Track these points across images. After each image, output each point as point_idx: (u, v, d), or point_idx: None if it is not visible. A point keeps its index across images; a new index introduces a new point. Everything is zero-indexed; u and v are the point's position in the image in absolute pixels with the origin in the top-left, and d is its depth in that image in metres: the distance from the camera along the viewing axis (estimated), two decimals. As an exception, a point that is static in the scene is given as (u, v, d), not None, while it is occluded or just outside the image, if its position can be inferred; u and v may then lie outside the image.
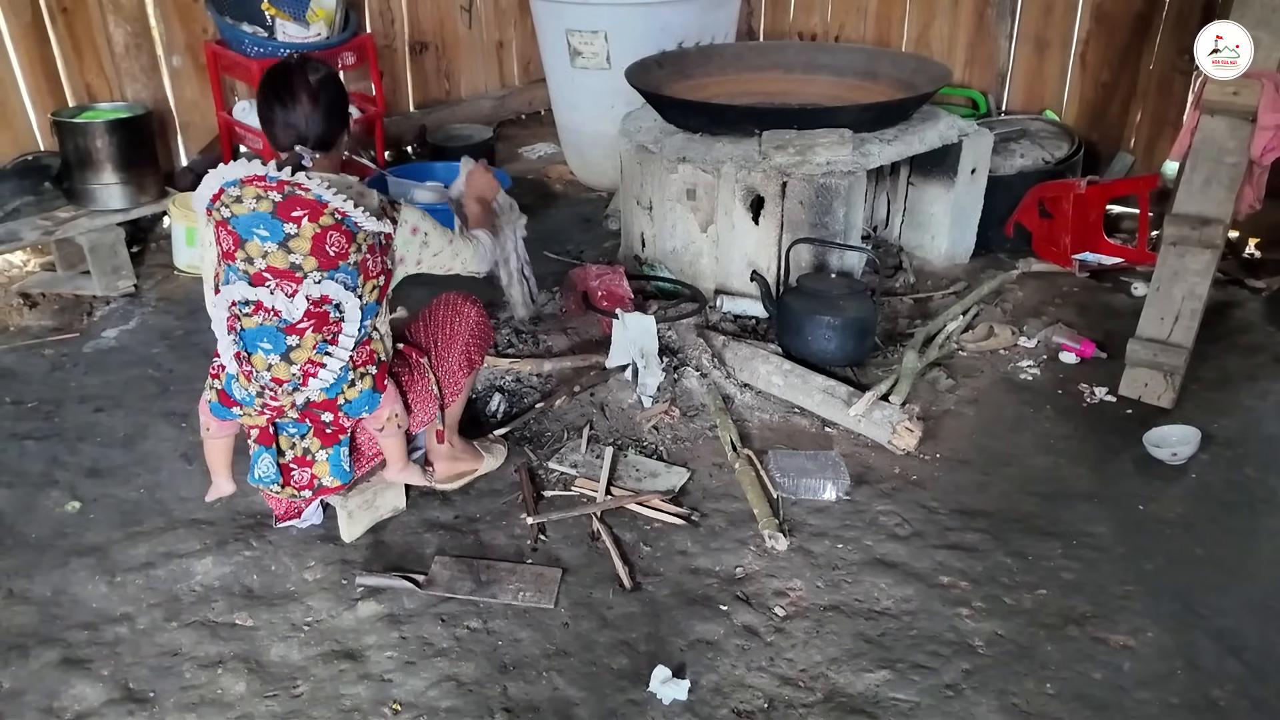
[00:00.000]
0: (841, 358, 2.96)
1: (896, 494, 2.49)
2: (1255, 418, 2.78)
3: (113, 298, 3.50)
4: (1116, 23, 4.09)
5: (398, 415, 2.24)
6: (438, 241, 2.26)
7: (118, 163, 3.53)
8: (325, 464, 2.20)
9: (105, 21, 3.84)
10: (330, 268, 1.98)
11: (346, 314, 2.03)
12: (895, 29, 4.76)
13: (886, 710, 1.88)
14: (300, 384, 2.06)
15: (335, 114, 2.09)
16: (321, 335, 2.03)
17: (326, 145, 2.09)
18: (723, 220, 3.24)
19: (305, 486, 2.21)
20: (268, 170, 1.94)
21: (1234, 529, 2.37)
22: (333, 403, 2.12)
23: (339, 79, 2.15)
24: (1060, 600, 2.14)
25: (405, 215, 2.17)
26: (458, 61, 5.17)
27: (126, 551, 2.30)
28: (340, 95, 2.11)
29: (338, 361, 2.06)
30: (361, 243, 2.01)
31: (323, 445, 2.20)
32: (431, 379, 2.34)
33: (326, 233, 1.95)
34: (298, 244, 1.95)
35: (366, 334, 2.12)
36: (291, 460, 2.20)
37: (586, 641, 2.05)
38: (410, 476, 2.40)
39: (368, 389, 2.14)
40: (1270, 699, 1.88)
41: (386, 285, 2.15)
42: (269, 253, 1.95)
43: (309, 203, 1.94)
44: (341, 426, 2.19)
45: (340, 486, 2.25)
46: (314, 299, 1.99)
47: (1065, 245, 3.58)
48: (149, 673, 1.97)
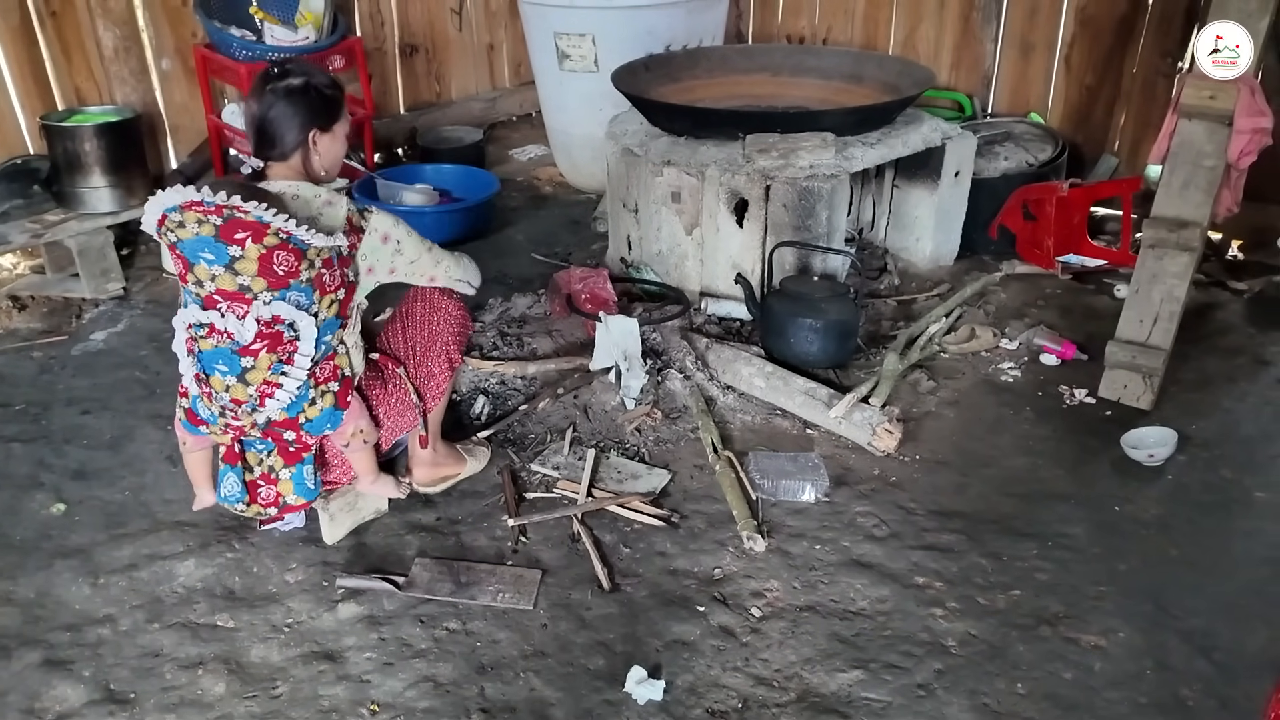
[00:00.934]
0: (824, 360, 2.98)
1: (875, 495, 2.51)
2: (1233, 419, 2.81)
3: (102, 300, 3.52)
4: (1100, 26, 4.11)
5: (363, 431, 2.24)
6: (413, 249, 2.25)
7: (107, 166, 3.55)
8: (289, 482, 2.20)
9: (94, 25, 3.85)
10: (281, 287, 1.97)
11: (301, 333, 2.02)
12: (882, 32, 4.78)
13: (859, 710, 1.91)
14: (258, 404, 2.05)
15: (289, 121, 2.10)
16: (276, 355, 2.02)
17: (283, 154, 2.13)
18: (707, 223, 3.26)
19: (271, 504, 2.21)
20: (203, 195, 1.91)
21: (1209, 530, 2.39)
22: (294, 421, 2.12)
23: (311, 86, 2.13)
24: (1034, 601, 2.16)
25: (375, 223, 2.17)
26: (448, 64, 5.19)
27: (110, 553, 2.32)
28: (305, 102, 2.11)
29: (294, 381, 2.05)
30: (314, 259, 1.99)
31: (286, 464, 2.19)
32: (409, 389, 2.34)
33: (273, 253, 1.93)
34: (244, 265, 1.93)
35: (330, 350, 2.12)
36: (259, 477, 2.20)
37: (564, 642, 2.07)
38: (382, 488, 2.39)
39: (329, 407, 2.13)
40: (1239, 699, 1.91)
41: (349, 298, 2.14)
42: (216, 275, 1.95)
43: (250, 224, 1.91)
44: (305, 444, 2.19)
45: (305, 504, 2.25)
46: (265, 320, 1.98)
47: (1048, 247, 3.60)
48: (130, 674, 1.99)
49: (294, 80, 2.12)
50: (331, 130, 2.18)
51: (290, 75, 2.13)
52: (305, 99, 2.12)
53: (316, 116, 2.14)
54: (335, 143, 2.21)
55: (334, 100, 2.19)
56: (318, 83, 2.16)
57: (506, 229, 4.18)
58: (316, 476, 2.23)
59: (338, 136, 2.21)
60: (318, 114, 2.14)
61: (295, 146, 2.13)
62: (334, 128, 2.19)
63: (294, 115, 2.10)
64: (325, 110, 2.16)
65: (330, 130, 2.18)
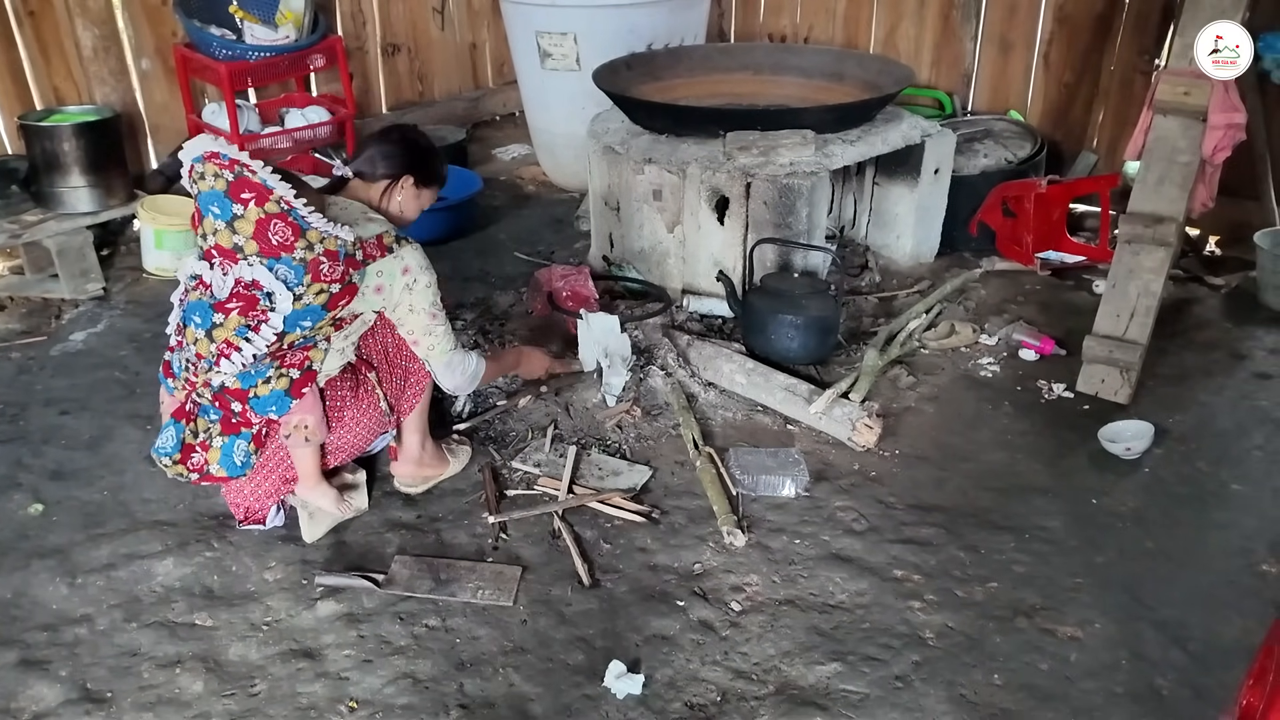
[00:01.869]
0: (804, 356, 2.99)
1: (855, 490, 2.52)
2: (1209, 413, 2.83)
3: (81, 301, 3.51)
4: (1078, 24, 4.14)
5: (308, 428, 2.21)
6: (421, 300, 2.28)
7: (86, 166, 3.54)
8: (217, 450, 2.19)
9: (73, 25, 3.84)
10: (271, 255, 2.02)
11: (277, 305, 2.05)
12: (863, 31, 4.80)
13: (837, 701, 1.92)
14: (214, 363, 2.08)
15: (397, 158, 2.32)
16: (246, 320, 2.05)
17: (371, 177, 2.33)
18: (689, 221, 3.26)
19: (196, 469, 2.21)
20: (221, 147, 2.00)
21: (1184, 522, 2.41)
22: (245, 393, 2.14)
23: (431, 151, 2.41)
24: (1011, 593, 2.18)
25: (404, 252, 2.24)
26: (430, 63, 5.19)
27: (88, 553, 2.30)
28: (418, 155, 2.36)
29: (252, 349, 2.06)
30: (314, 241, 2.04)
31: (222, 432, 2.20)
32: (379, 396, 2.33)
33: (270, 220, 2.00)
34: (242, 225, 2.00)
35: (310, 341, 2.15)
36: (198, 443, 2.21)
37: (544, 638, 2.07)
38: (320, 498, 2.34)
39: (280, 390, 2.14)
40: (1213, 687, 1.92)
41: (346, 299, 2.14)
42: (218, 230, 2.03)
43: (256, 186, 2.00)
44: (246, 420, 2.19)
45: (225, 479, 2.23)
46: (245, 282, 2.03)
47: (1028, 244, 3.63)
48: (107, 673, 1.98)
49: (424, 141, 2.43)
50: (420, 190, 2.39)
51: (424, 137, 2.45)
52: (422, 155, 2.38)
53: (419, 171, 2.36)
54: (416, 200, 2.40)
55: (437, 175, 2.44)
56: (438, 156, 2.43)
57: (489, 228, 4.18)
58: (249, 456, 2.21)
59: (420, 198, 2.41)
60: (422, 170, 2.37)
61: (387, 176, 2.33)
62: (423, 190, 2.40)
63: (406, 156, 2.34)
64: (430, 174, 2.40)
65: (419, 189, 2.39)
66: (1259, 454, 2.65)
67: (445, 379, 2.42)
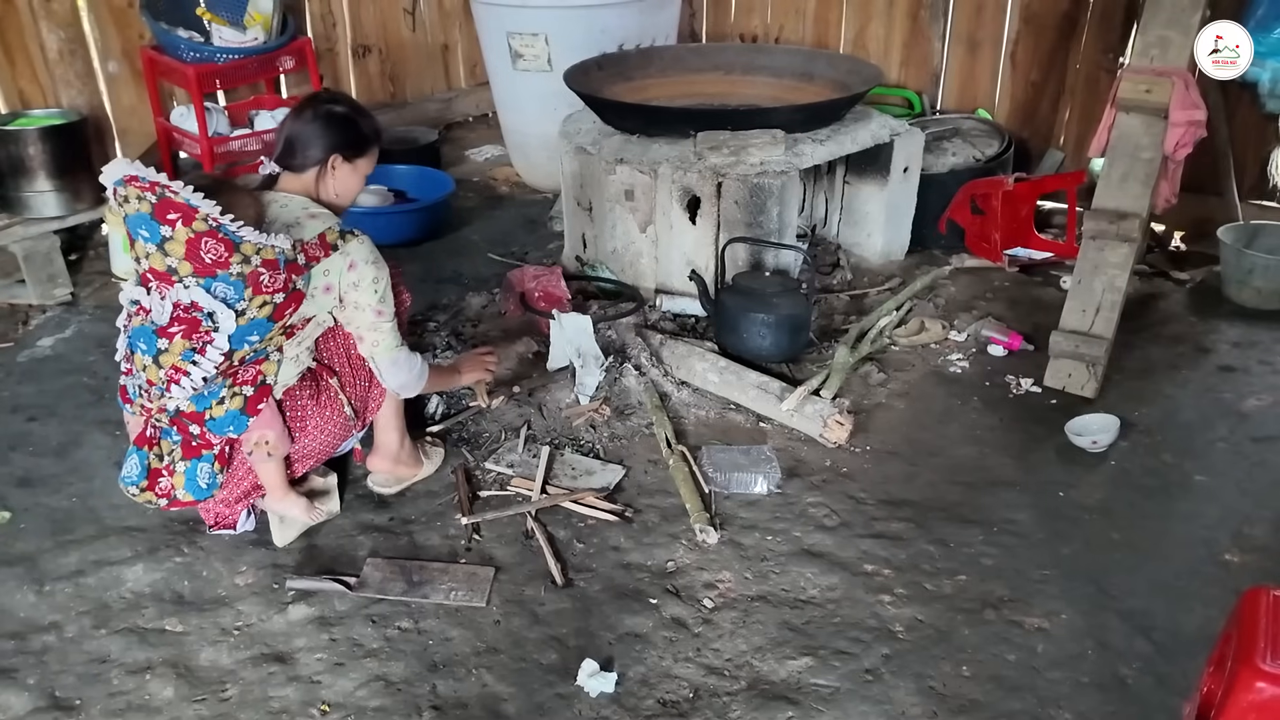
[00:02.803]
0: (776, 354, 3.01)
1: (826, 486, 2.54)
2: (1174, 405, 2.88)
3: (49, 306, 3.47)
4: (1044, 23, 4.19)
5: (269, 443, 2.18)
6: (365, 297, 2.18)
7: (52, 170, 3.50)
8: (182, 475, 2.17)
9: (38, 27, 3.79)
10: (207, 275, 1.96)
11: (220, 325, 2.00)
12: (833, 31, 4.84)
13: (808, 696, 1.93)
14: (165, 389, 2.05)
15: (318, 139, 2.21)
16: (190, 343, 2.01)
17: (300, 166, 2.23)
18: (661, 220, 3.28)
19: (164, 495, 2.18)
20: (138, 170, 1.95)
21: (1149, 513, 2.45)
22: (200, 416, 2.11)
23: (351, 119, 2.25)
24: (979, 585, 2.20)
25: (350, 247, 2.16)
26: (402, 64, 5.17)
27: (56, 560, 2.28)
28: (340, 128, 2.23)
29: (201, 372, 2.03)
30: (250, 254, 1.97)
31: (184, 457, 2.16)
32: (342, 401, 2.31)
33: (200, 238, 1.93)
34: (173, 247, 1.94)
35: (262, 354, 2.11)
36: (164, 466, 2.18)
37: (517, 638, 2.07)
38: (290, 508, 2.31)
39: (235, 409, 2.10)
40: (1176, 675, 1.95)
41: (293, 307, 2.09)
42: (150, 254, 1.97)
43: (180, 206, 1.93)
44: (207, 442, 2.16)
45: (194, 503, 2.20)
46: (183, 305, 1.99)
47: (996, 241, 3.66)
48: (76, 680, 1.97)
49: (337, 107, 2.27)
50: (354, 163, 2.28)
51: (337, 103, 2.29)
52: (341, 125, 2.24)
53: (345, 144, 2.24)
54: (353, 175, 2.30)
55: (367, 138, 2.29)
56: (359, 119, 2.28)
57: (463, 229, 4.18)
58: (214, 478, 2.18)
59: (358, 171, 2.30)
60: (347, 143, 2.25)
61: (314, 164, 2.24)
62: (357, 162, 2.29)
63: (325, 135, 2.23)
64: (355, 143, 2.26)
65: (352, 162, 2.27)
66: (1222, 445, 2.69)
67: (390, 377, 2.32)
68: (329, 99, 2.31)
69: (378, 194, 4.04)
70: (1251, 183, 3.76)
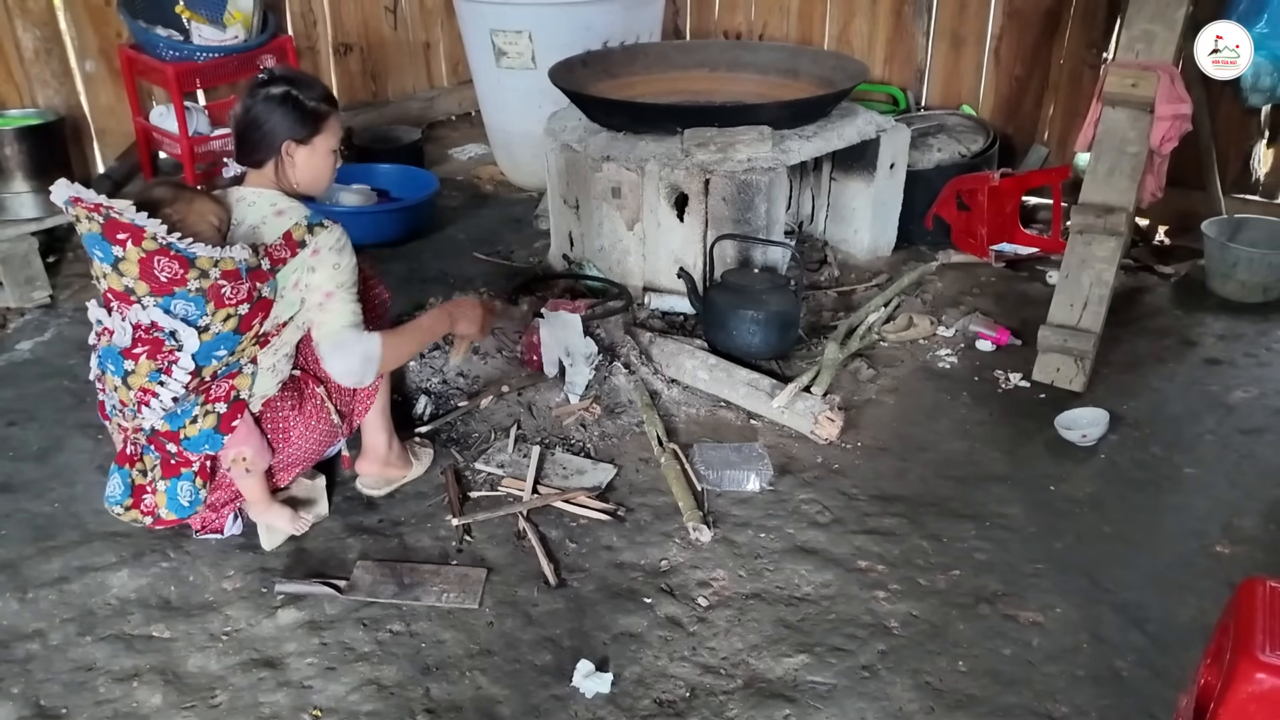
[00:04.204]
0: (766, 351, 3.00)
1: (818, 482, 2.54)
2: (1162, 398, 2.89)
3: (27, 309, 3.42)
4: (1027, 19, 4.21)
5: (246, 459, 2.12)
6: (319, 278, 2.07)
7: (29, 171, 3.47)
8: (163, 494, 2.12)
9: (13, 26, 3.74)
10: (164, 293, 1.91)
11: (183, 344, 1.95)
12: (817, 27, 4.83)
13: (805, 693, 1.92)
14: (136, 410, 2.02)
15: (264, 130, 2.08)
16: (155, 363, 1.96)
17: (257, 162, 2.12)
18: (648, 218, 3.26)
19: (149, 513, 2.14)
20: (79, 191, 1.89)
21: (1140, 506, 2.45)
22: (176, 435, 2.06)
23: (290, 96, 2.08)
24: (973, 580, 2.20)
25: (318, 239, 2.07)
26: (384, 63, 5.13)
27: (39, 567, 2.24)
28: (281, 112, 2.08)
29: (169, 393, 1.99)
30: (207, 268, 1.90)
31: (164, 475, 2.12)
32: (330, 409, 2.26)
33: (152, 257, 1.87)
34: (126, 267, 1.89)
35: (234, 367, 2.06)
36: (147, 483, 2.14)
37: (510, 640, 2.06)
38: (275, 518, 2.27)
39: (209, 428, 2.05)
40: (1171, 667, 1.96)
41: (261, 315, 2.03)
42: (106, 274, 1.93)
43: (127, 226, 1.87)
44: (185, 459, 2.11)
45: (177, 520, 2.16)
46: (143, 325, 1.95)
47: (982, 236, 3.67)
48: (61, 689, 1.93)
49: (275, 89, 2.09)
50: (310, 144, 2.13)
51: (274, 83, 2.09)
52: (283, 109, 2.08)
53: (293, 128, 2.10)
54: (314, 157, 2.15)
55: (316, 113, 2.13)
56: (301, 94, 2.10)
57: (447, 228, 4.15)
58: (196, 494, 2.13)
59: (318, 151, 2.15)
60: (295, 125, 2.10)
61: (269, 156, 2.12)
62: (314, 141, 2.14)
63: (270, 125, 2.08)
64: (303, 122, 2.11)
65: (308, 144, 2.13)
66: (1210, 438, 2.70)
67: (331, 364, 2.12)
68: (265, 81, 2.10)
69: (361, 193, 4.00)
70: (1234, 176, 3.79)
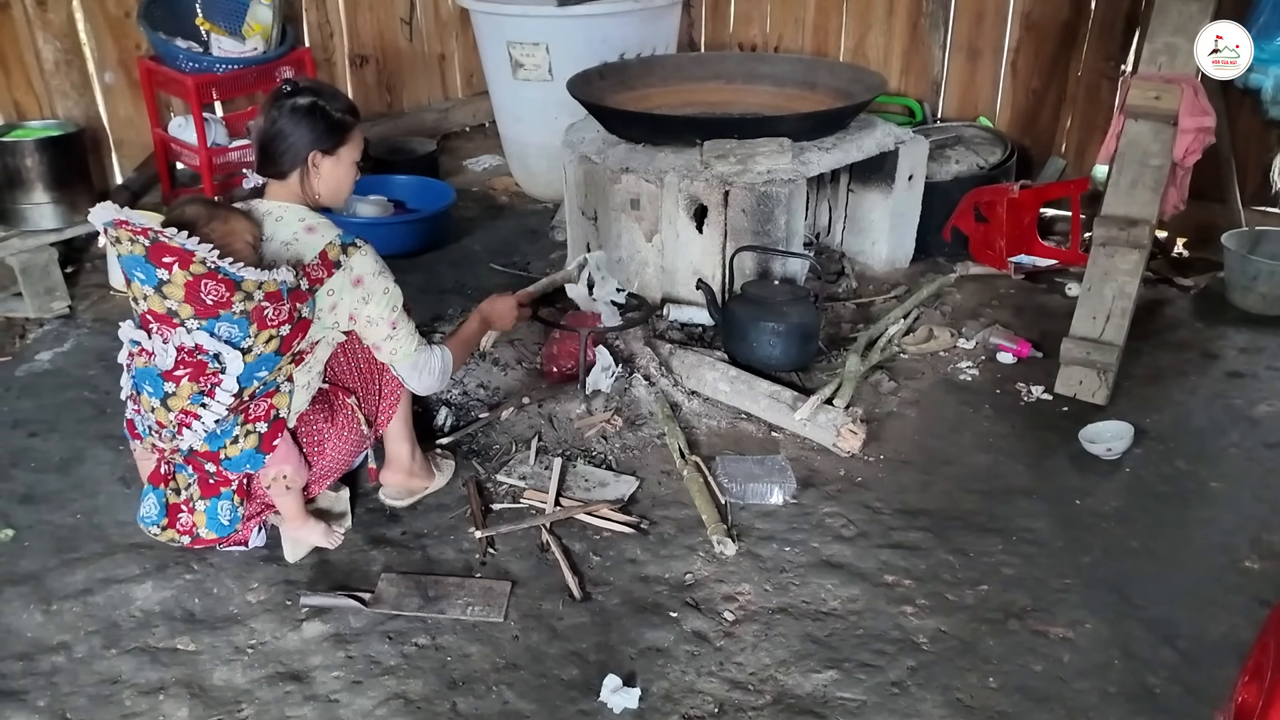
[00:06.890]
0: (786, 363, 2.99)
1: (842, 496, 2.52)
2: (1185, 412, 2.87)
3: (47, 319, 3.42)
4: (1045, 32, 4.20)
5: (286, 477, 2.13)
6: (377, 310, 2.14)
7: (49, 182, 3.46)
8: (203, 514, 2.12)
9: (34, 38, 3.75)
10: (209, 316, 1.91)
11: (227, 366, 1.95)
12: (832, 40, 4.84)
13: (834, 710, 1.91)
14: (176, 432, 2.02)
15: (290, 141, 2.09)
16: (198, 386, 1.96)
17: (281, 173, 2.12)
18: (667, 230, 3.26)
19: (186, 532, 2.13)
20: (128, 215, 1.89)
21: (1166, 520, 2.44)
22: (215, 455, 2.06)
23: (318, 107, 2.09)
24: (1001, 595, 2.18)
25: (354, 261, 2.09)
26: (399, 74, 5.14)
27: (63, 579, 2.24)
28: (309, 123, 2.09)
29: (212, 415, 1.99)
30: (251, 291, 1.91)
31: (203, 495, 2.12)
32: (360, 419, 2.27)
33: (199, 280, 1.88)
34: (171, 290, 1.89)
35: (272, 386, 2.06)
36: (182, 502, 2.13)
37: (536, 653, 2.04)
38: (309, 534, 2.28)
39: (250, 448, 2.05)
40: (1204, 684, 1.94)
41: (300, 335, 2.05)
42: (148, 296, 1.92)
43: (176, 250, 1.87)
44: (225, 478, 2.11)
45: (217, 540, 2.16)
46: (187, 348, 1.94)
47: (1001, 248, 3.66)
48: (87, 702, 1.93)
49: (301, 100, 2.10)
50: (335, 154, 2.15)
51: (300, 94, 2.11)
52: (310, 120, 2.10)
53: (319, 139, 2.11)
54: (339, 168, 2.17)
55: (341, 124, 2.15)
56: (327, 105, 2.12)
57: (464, 239, 4.15)
58: (235, 511, 2.14)
59: (343, 162, 2.17)
60: (321, 136, 2.11)
61: (294, 167, 2.12)
62: (339, 152, 2.15)
63: (296, 135, 2.09)
64: (330, 133, 2.12)
65: (334, 154, 2.14)
66: (1235, 451, 2.69)
67: (414, 383, 2.28)
68: (290, 92, 2.11)
69: (378, 204, 4.01)
70: (1253, 189, 3.78)
